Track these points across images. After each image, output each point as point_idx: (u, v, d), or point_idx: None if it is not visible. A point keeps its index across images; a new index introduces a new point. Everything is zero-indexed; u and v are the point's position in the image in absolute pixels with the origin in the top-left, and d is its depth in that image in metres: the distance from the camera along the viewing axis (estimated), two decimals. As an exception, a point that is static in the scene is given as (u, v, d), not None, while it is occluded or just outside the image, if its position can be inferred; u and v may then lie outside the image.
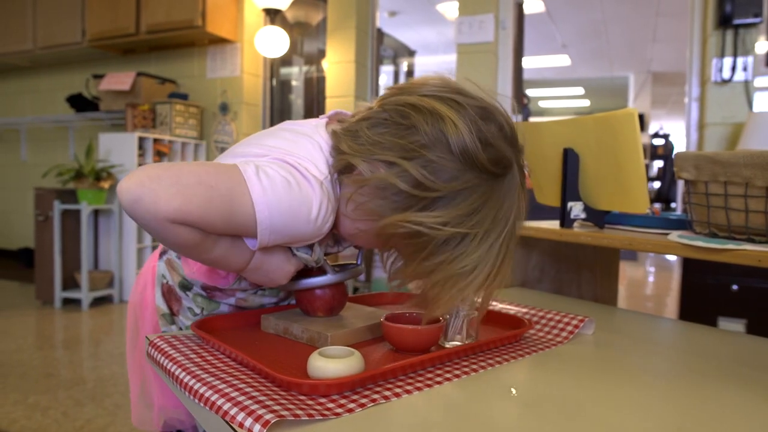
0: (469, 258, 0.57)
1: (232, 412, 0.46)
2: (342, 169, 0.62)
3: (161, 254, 0.77)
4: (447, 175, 0.56)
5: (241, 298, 0.77)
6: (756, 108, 2.40)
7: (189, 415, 0.79)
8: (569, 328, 0.75)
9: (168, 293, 0.77)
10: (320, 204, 0.58)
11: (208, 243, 0.58)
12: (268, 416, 0.43)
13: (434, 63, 6.25)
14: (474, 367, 0.61)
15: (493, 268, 0.58)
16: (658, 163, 7.04)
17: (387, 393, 0.52)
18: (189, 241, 0.55)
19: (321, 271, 0.71)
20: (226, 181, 0.54)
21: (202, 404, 0.50)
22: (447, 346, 0.67)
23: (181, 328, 0.78)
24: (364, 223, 0.61)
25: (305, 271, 0.71)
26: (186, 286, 0.75)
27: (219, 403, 0.48)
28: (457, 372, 0.59)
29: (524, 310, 0.84)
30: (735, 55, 2.40)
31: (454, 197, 0.57)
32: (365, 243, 0.68)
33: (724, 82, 2.42)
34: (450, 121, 0.56)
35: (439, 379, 0.57)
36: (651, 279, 5.20)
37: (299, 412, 0.45)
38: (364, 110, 0.64)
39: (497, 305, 0.86)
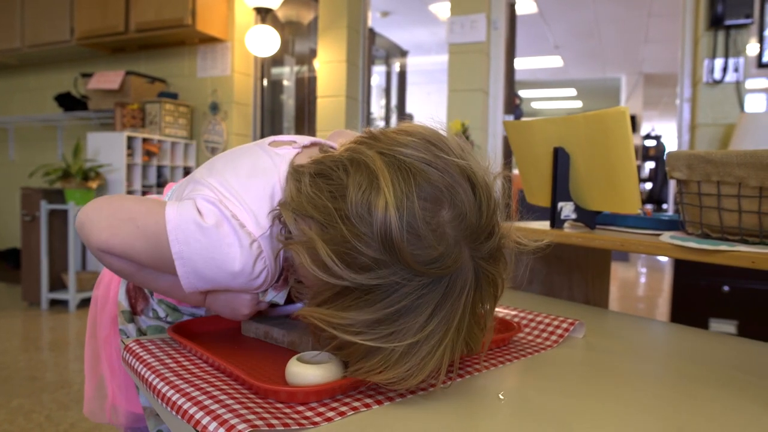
0: (392, 372, 0.47)
1: (204, 421, 0.43)
2: (278, 218, 0.56)
3: None
4: (359, 262, 0.46)
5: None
6: (747, 109, 2.40)
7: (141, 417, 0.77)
8: (559, 331, 0.73)
9: (134, 290, 0.75)
10: (244, 263, 0.54)
11: (146, 276, 0.61)
12: (240, 426, 0.41)
13: (426, 63, 6.24)
14: (461, 372, 0.59)
15: (434, 372, 0.49)
16: (649, 164, 7.07)
17: (368, 401, 0.50)
18: (121, 269, 0.59)
19: None
20: (152, 224, 0.55)
21: (174, 412, 0.47)
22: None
23: (140, 328, 0.76)
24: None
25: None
26: None
27: (191, 411, 0.45)
28: (442, 377, 0.57)
29: (513, 312, 0.82)
30: (726, 56, 2.40)
31: (366, 293, 0.46)
32: None
33: (716, 83, 2.42)
34: (384, 195, 0.45)
35: (423, 385, 0.55)
36: (642, 280, 5.20)
37: (274, 421, 0.43)
38: (338, 147, 0.56)
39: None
